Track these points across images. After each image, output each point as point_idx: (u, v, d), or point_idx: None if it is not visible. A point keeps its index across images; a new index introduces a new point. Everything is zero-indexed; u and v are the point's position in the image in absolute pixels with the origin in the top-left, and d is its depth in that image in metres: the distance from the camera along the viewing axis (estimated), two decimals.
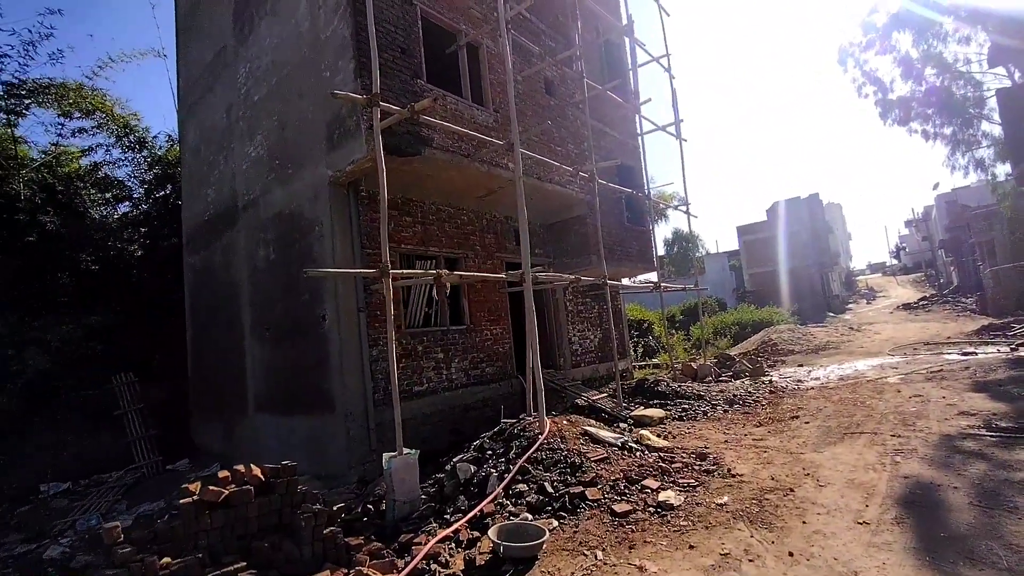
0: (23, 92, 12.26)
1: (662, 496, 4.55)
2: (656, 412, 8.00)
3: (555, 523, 4.34)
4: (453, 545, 4.23)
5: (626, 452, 5.71)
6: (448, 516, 4.81)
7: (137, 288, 11.95)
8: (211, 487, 3.95)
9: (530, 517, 4.49)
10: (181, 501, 3.87)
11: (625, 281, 16.48)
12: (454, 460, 5.83)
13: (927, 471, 4.45)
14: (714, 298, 35.32)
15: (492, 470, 5.35)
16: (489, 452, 5.84)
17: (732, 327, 24.84)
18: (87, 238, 10.95)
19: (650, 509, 4.35)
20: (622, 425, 7.61)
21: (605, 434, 6.03)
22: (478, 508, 4.66)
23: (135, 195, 13.25)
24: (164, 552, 3.57)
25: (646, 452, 5.88)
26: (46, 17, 14.32)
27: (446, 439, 7.69)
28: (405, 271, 6.13)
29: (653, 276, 13.25)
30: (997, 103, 14.27)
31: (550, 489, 4.86)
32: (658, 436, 6.80)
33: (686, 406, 8.39)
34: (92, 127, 12.86)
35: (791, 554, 3.25)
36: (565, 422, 6.35)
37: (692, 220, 16.33)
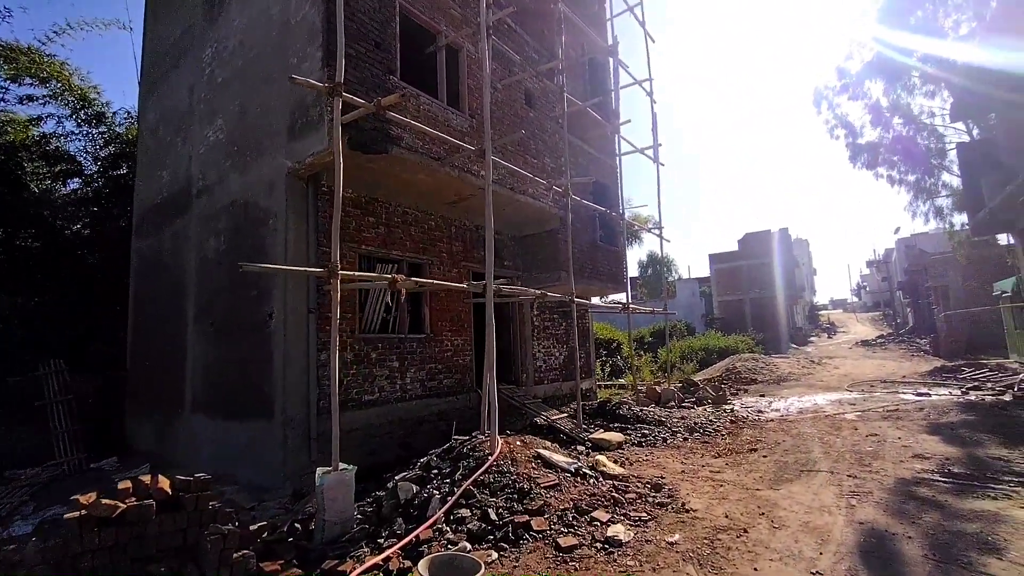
0: None
1: (611, 531, 4.27)
2: (615, 436, 7.76)
3: (495, 555, 4.02)
4: (381, 575, 3.86)
5: (579, 479, 5.43)
6: (382, 540, 4.42)
7: (79, 271, 11.16)
8: (104, 500, 3.49)
9: (468, 547, 4.15)
10: (66, 516, 3.40)
11: (596, 300, 16.39)
12: (396, 478, 5.44)
13: (882, 517, 4.31)
14: (683, 322, 35.77)
15: (435, 491, 4.99)
16: (435, 471, 5.48)
17: (699, 352, 25.08)
18: (26, 213, 10.16)
19: (597, 544, 4.07)
20: (579, 448, 7.34)
21: (559, 458, 5.74)
22: (414, 534, 4.30)
23: (87, 172, 12.46)
24: None
25: (600, 480, 5.62)
26: None
27: (395, 453, 7.28)
28: (357, 274, 5.76)
29: (623, 296, 13.18)
30: (957, 156, 14.86)
31: (494, 516, 4.53)
32: (615, 462, 6.56)
33: (646, 431, 8.19)
34: (44, 95, 12.06)
35: None
36: (519, 443, 6.04)
37: (665, 244, 16.42)
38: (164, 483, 3.78)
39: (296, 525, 4.89)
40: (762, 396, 12.65)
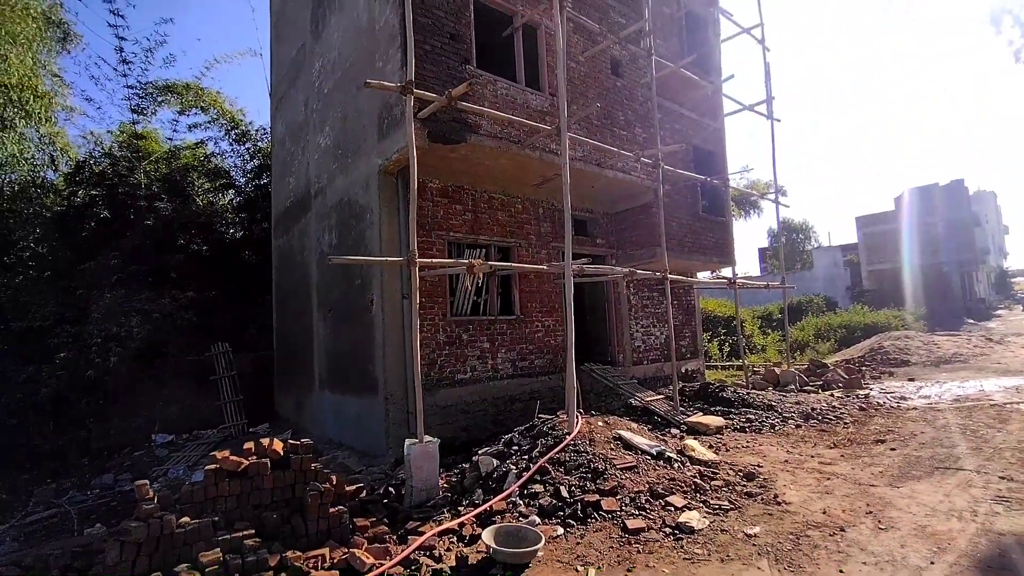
0: (154, 92, 14.13)
1: (684, 517, 4.09)
2: (714, 420, 7.29)
3: (561, 530, 4.09)
4: (455, 539, 4.15)
5: (661, 463, 5.24)
6: (462, 508, 4.75)
7: (237, 267, 13.32)
8: (232, 457, 4.24)
9: (538, 521, 4.28)
10: (206, 468, 4.20)
11: (705, 275, 15.34)
12: (479, 452, 5.75)
13: None
14: (821, 296, 31.79)
15: (513, 467, 5.19)
16: (515, 447, 5.68)
17: (838, 330, 22.18)
18: (195, 222, 12.39)
19: (666, 529, 3.94)
20: (673, 431, 7.05)
21: (640, 440, 5.59)
22: (488, 504, 4.54)
23: (238, 183, 14.75)
24: (185, 512, 3.88)
25: (686, 465, 5.36)
26: (160, 26, 16.56)
27: (487, 429, 7.65)
28: (434, 261, 6.10)
29: (739, 271, 12.12)
30: None
31: (565, 493, 4.60)
32: (709, 448, 6.19)
33: (752, 416, 7.56)
34: (206, 122, 14.49)
35: None
36: (600, 423, 5.99)
37: (800, 209, 14.68)
38: (277, 446, 4.46)
39: (390, 489, 5.43)
40: (911, 380, 10.85)
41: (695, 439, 6.47)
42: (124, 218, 11.79)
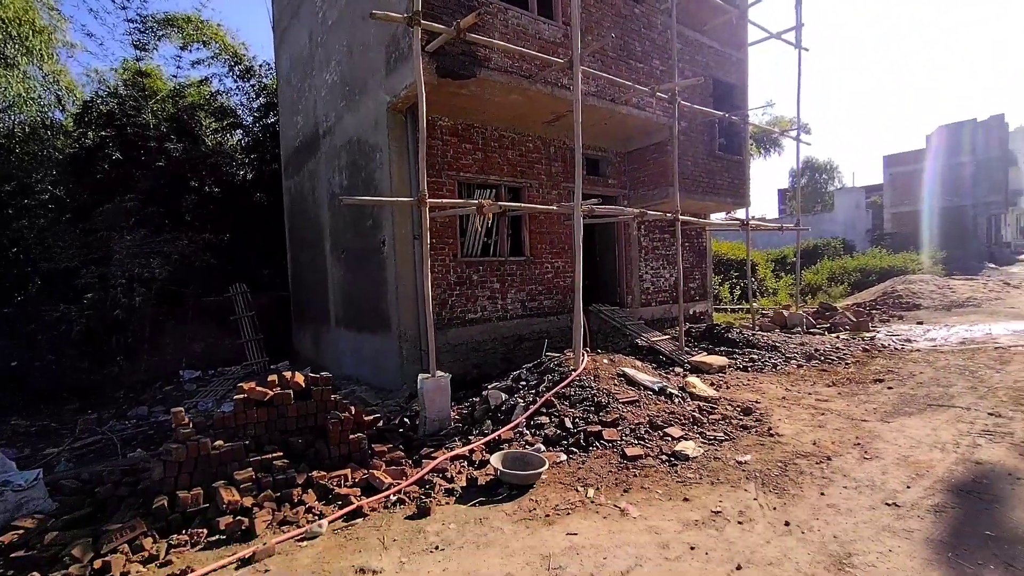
0: (154, 26, 13.69)
1: (680, 446, 4.35)
2: (717, 360, 7.50)
3: (564, 457, 4.39)
4: (466, 464, 4.48)
5: (662, 398, 5.49)
6: (472, 437, 5.07)
7: (249, 209, 13.43)
8: (258, 387, 4.54)
9: (543, 448, 4.59)
10: (235, 397, 4.51)
11: (721, 216, 15.12)
12: (488, 387, 6.04)
13: (1012, 460, 3.71)
14: (839, 239, 31.24)
15: (520, 400, 5.48)
16: (523, 383, 5.95)
17: (853, 274, 21.98)
18: (205, 163, 12.38)
19: (663, 457, 4.21)
20: (677, 370, 7.28)
21: (643, 377, 5.81)
22: (496, 433, 4.85)
23: (246, 123, 14.54)
24: (218, 436, 4.22)
25: (686, 400, 5.61)
26: None
27: (497, 366, 7.96)
28: (443, 201, 6.13)
29: (752, 212, 11.91)
30: None
31: (569, 424, 4.88)
32: (710, 385, 6.42)
33: (755, 356, 7.75)
34: (208, 58, 14.09)
35: (787, 524, 2.97)
36: (605, 361, 6.22)
37: (813, 149, 14.19)
38: (299, 378, 4.74)
39: (405, 419, 5.79)
40: (920, 323, 10.89)
41: (698, 377, 6.71)
42: (136, 159, 11.82)
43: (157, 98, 12.31)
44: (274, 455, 4.14)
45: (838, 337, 9.45)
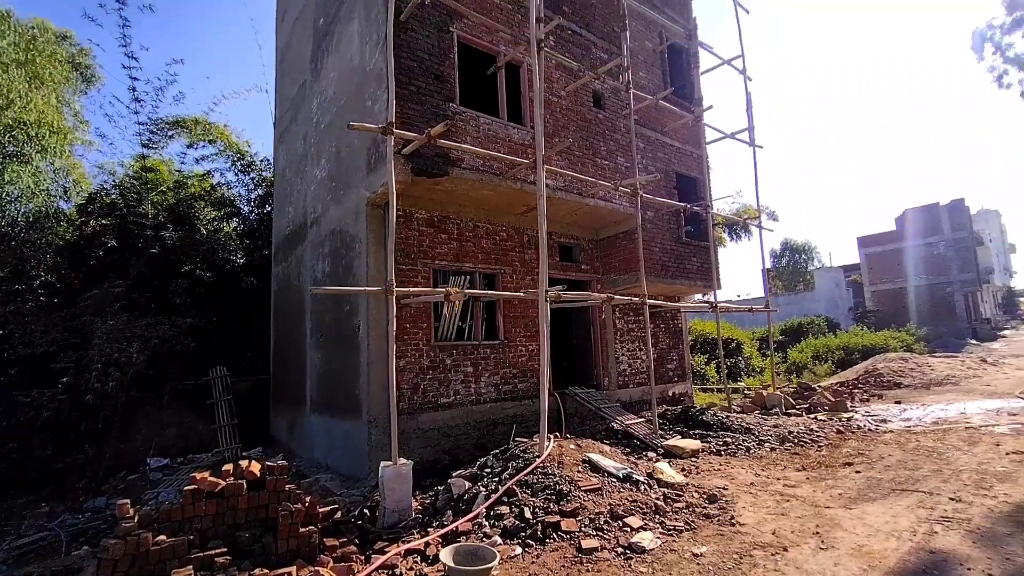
0: (164, 127, 14.84)
1: (637, 537, 4.26)
2: (691, 444, 7.43)
3: (519, 550, 4.27)
4: (419, 559, 4.34)
5: (627, 485, 5.41)
6: (431, 529, 4.93)
7: (238, 293, 13.72)
8: (211, 478, 4.48)
9: (500, 541, 4.46)
10: (185, 488, 4.44)
11: (698, 297, 15.53)
12: (453, 475, 5.94)
13: (966, 548, 3.67)
14: (822, 317, 31.71)
15: (483, 488, 5.38)
16: (487, 470, 5.87)
17: (836, 352, 22.12)
18: (199, 250, 12.86)
19: (618, 549, 4.11)
20: (650, 455, 7.19)
21: (608, 463, 5.76)
22: (454, 525, 4.73)
23: (242, 211, 15.29)
24: (163, 531, 4.11)
25: (652, 487, 5.53)
26: (171, 66, 17.84)
27: (470, 452, 7.82)
28: (412, 289, 6.42)
29: (723, 294, 12.32)
30: None
31: (528, 515, 4.78)
32: (681, 471, 6.35)
33: (729, 439, 7.69)
34: (213, 154, 15.15)
35: None
36: (572, 446, 6.18)
37: (791, 231, 14.93)
38: (255, 467, 4.70)
39: (365, 511, 5.62)
40: (898, 403, 10.89)
41: (669, 462, 6.64)
42: (131, 246, 12.28)
43: (159, 190, 13.06)
44: (217, 551, 4.02)
45: (815, 419, 9.42)
